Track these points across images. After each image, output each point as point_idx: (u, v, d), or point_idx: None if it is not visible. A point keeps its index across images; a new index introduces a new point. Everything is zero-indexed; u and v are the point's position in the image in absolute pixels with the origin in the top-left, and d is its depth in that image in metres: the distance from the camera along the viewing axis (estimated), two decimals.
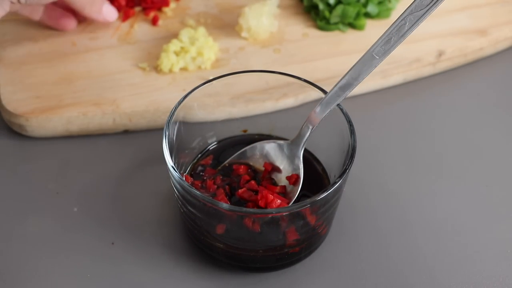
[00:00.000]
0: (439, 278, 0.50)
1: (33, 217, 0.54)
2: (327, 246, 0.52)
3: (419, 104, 0.66)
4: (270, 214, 0.44)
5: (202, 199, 0.44)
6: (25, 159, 0.59)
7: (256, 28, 0.67)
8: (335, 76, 0.63)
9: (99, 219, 0.53)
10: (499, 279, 0.50)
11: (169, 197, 0.55)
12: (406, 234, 0.53)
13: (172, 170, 0.45)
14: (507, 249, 0.52)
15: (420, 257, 0.51)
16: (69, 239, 0.52)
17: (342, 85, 0.46)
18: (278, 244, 0.47)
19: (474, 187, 0.57)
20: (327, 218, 0.48)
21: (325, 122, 0.48)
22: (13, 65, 0.64)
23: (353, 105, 0.57)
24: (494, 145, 0.61)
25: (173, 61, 0.64)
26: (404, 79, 0.67)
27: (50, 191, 0.56)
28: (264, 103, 0.60)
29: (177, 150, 0.50)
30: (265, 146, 0.52)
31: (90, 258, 0.51)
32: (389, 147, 0.61)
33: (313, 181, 0.52)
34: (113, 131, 0.61)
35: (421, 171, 0.59)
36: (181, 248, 0.52)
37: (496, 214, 0.55)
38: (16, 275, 0.49)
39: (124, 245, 0.52)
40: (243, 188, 0.49)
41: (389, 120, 0.64)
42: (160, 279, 0.49)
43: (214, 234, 0.47)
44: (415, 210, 0.55)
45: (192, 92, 0.50)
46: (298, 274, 0.50)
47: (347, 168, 0.45)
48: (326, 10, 0.69)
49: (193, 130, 0.54)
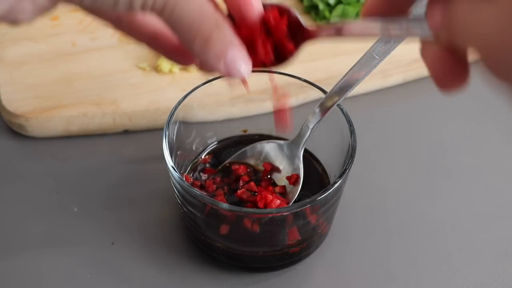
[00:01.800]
0: (439, 278, 0.50)
1: (33, 217, 0.54)
2: (327, 246, 0.52)
3: (419, 104, 0.66)
4: (270, 214, 0.44)
5: (202, 199, 0.44)
6: (25, 159, 0.59)
7: None
8: (335, 76, 0.63)
9: (99, 219, 0.53)
10: (499, 279, 0.50)
11: (169, 197, 0.55)
12: (406, 234, 0.53)
13: (172, 170, 0.45)
14: (507, 249, 0.52)
15: (420, 257, 0.51)
16: (69, 239, 0.52)
17: (342, 85, 0.46)
18: (279, 244, 0.47)
19: (474, 187, 0.57)
20: (327, 218, 0.48)
21: (325, 122, 0.48)
22: (13, 65, 0.64)
23: (353, 105, 0.57)
24: (494, 145, 0.61)
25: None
26: (404, 79, 0.67)
27: (50, 191, 0.56)
28: (264, 103, 0.60)
29: (177, 150, 0.50)
30: (265, 146, 0.52)
31: (90, 258, 0.51)
32: (389, 147, 0.61)
33: (313, 181, 0.52)
34: (113, 131, 0.61)
35: (421, 171, 0.59)
36: (181, 248, 0.51)
37: (496, 214, 0.55)
38: (16, 275, 0.49)
39: (124, 245, 0.52)
40: (242, 189, 0.49)
41: (389, 120, 0.64)
42: (160, 279, 0.49)
43: (214, 234, 0.47)
44: (415, 210, 0.55)
45: (192, 92, 0.50)
46: (298, 274, 0.50)
47: (347, 168, 0.45)
48: (326, 10, 0.69)
49: (193, 130, 0.54)
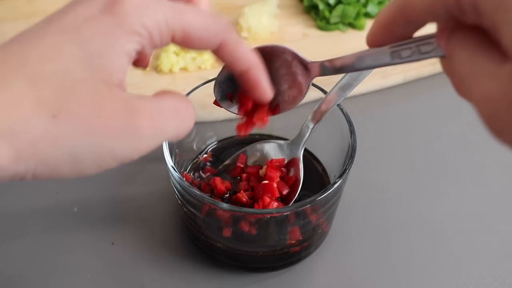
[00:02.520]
0: (439, 278, 0.50)
1: (33, 217, 0.54)
2: (327, 245, 0.52)
3: (419, 104, 0.66)
4: (269, 214, 0.44)
5: (202, 199, 0.44)
6: None
7: (256, 28, 0.67)
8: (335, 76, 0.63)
9: (99, 219, 0.53)
10: (499, 279, 0.50)
11: (169, 197, 0.55)
12: (406, 234, 0.53)
13: (172, 170, 0.45)
14: (507, 249, 0.52)
15: (420, 257, 0.51)
16: (69, 239, 0.52)
17: (342, 85, 0.46)
18: (279, 244, 0.47)
19: (474, 187, 0.57)
20: (327, 218, 0.48)
21: (325, 122, 0.48)
22: None
23: (353, 105, 0.57)
24: (494, 145, 0.61)
25: (173, 61, 0.64)
26: (404, 79, 0.67)
27: (50, 191, 0.56)
28: None
29: (177, 150, 0.50)
30: (265, 146, 0.52)
31: (90, 258, 0.51)
32: (389, 147, 0.61)
33: (313, 181, 0.52)
34: None
35: (420, 171, 0.58)
36: (181, 248, 0.52)
37: (496, 214, 0.55)
38: (16, 275, 0.49)
39: (124, 245, 0.52)
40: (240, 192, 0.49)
41: (389, 120, 0.64)
42: (160, 279, 0.49)
43: (214, 234, 0.47)
44: (415, 210, 0.55)
45: (192, 92, 0.50)
46: (298, 274, 0.50)
47: (347, 168, 0.45)
48: (326, 10, 0.69)
49: (193, 130, 0.53)
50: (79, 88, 0.28)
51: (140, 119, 0.29)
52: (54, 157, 0.27)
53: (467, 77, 0.25)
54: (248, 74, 0.36)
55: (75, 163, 0.28)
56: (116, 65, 0.29)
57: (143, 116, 0.29)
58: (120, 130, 0.28)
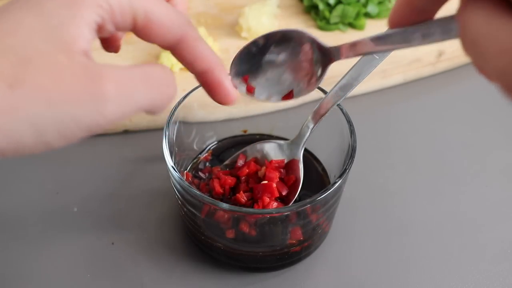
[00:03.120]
0: (439, 278, 0.50)
1: (33, 217, 0.54)
2: (327, 245, 0.52)
3: (419, 104, 0.66)
4: (269, 214, 0.44)
5: (202, 199, 0.44)
6: (26, 159, 0.59)
7: (256, 28, 0.67)
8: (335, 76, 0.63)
9: (99, 219, 0.53)
10: (499, 279, 0.50)
11: (169, 197, 0.55)
12: (406, 234, 0.53)
13: (172, 170, 0.45)
14: (507, 249, 0.52)
15: (420, 257, 0.51)
16: (69, 239, 0.52)
17: (342, 85, 0.46)
18: (279, 244, 0.47)
19: (474, 187, 0.57)
20: (327, 217, 0.48)
21: (325, 122, 0.48)
22: None
23: (353, 105, 0.57)
24: (494, 145, 0.61)
25: (173, 61, 0.63)
26: (404, 79, 0.67)
27: (50, 191, 0.56)
28: (264, 103, 0.60)
29: (177, 150, 0.50)
30: (265, 146, 0.52)
31: (90, 258, 0.51)
32: (389, 147, 0.61)
33: (313, 181, 0.52)
34: (113, 131, 0.61)
35: (421, 171, 0.59)
36: (181, 248, 0.52)
37: (496, 214, 0.55)
38: (16, 275, 0.49)
39: (124, 245, 0.52)
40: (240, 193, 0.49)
41: (389, 120, 0.64)
42: (160, 279, 0.49)
43: (214, 234, 0.47)
44: (415, 210, 0.55)
45: (192, 92, 0.50)
46: (298, 274, 0.50)
47: (347, 168, 0.45)
48: (326, 10, 0.69)
49: (193, 130, 0.54)
50: (37, 58, 0.27)
51: (104, 84, 0.28)
52: (16, 129, 0.27)
53: (482, 38, 0.25)
54: (207, 75, 0.35)
55: (39, 134, 0.27)
56: (77, 35, 0.29)
57: (107, 81, 0.29)
58: (81, 96, 0.28)
